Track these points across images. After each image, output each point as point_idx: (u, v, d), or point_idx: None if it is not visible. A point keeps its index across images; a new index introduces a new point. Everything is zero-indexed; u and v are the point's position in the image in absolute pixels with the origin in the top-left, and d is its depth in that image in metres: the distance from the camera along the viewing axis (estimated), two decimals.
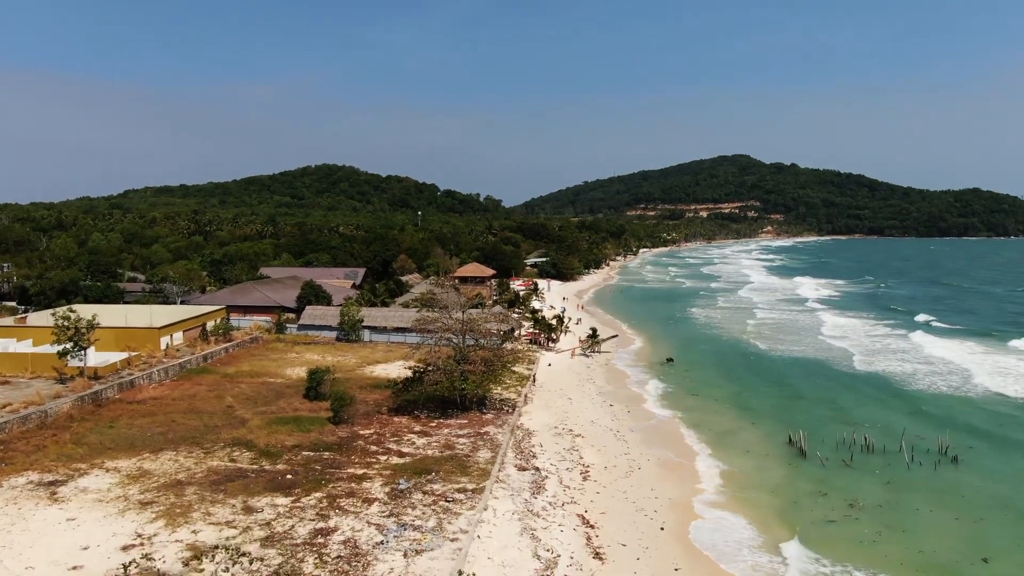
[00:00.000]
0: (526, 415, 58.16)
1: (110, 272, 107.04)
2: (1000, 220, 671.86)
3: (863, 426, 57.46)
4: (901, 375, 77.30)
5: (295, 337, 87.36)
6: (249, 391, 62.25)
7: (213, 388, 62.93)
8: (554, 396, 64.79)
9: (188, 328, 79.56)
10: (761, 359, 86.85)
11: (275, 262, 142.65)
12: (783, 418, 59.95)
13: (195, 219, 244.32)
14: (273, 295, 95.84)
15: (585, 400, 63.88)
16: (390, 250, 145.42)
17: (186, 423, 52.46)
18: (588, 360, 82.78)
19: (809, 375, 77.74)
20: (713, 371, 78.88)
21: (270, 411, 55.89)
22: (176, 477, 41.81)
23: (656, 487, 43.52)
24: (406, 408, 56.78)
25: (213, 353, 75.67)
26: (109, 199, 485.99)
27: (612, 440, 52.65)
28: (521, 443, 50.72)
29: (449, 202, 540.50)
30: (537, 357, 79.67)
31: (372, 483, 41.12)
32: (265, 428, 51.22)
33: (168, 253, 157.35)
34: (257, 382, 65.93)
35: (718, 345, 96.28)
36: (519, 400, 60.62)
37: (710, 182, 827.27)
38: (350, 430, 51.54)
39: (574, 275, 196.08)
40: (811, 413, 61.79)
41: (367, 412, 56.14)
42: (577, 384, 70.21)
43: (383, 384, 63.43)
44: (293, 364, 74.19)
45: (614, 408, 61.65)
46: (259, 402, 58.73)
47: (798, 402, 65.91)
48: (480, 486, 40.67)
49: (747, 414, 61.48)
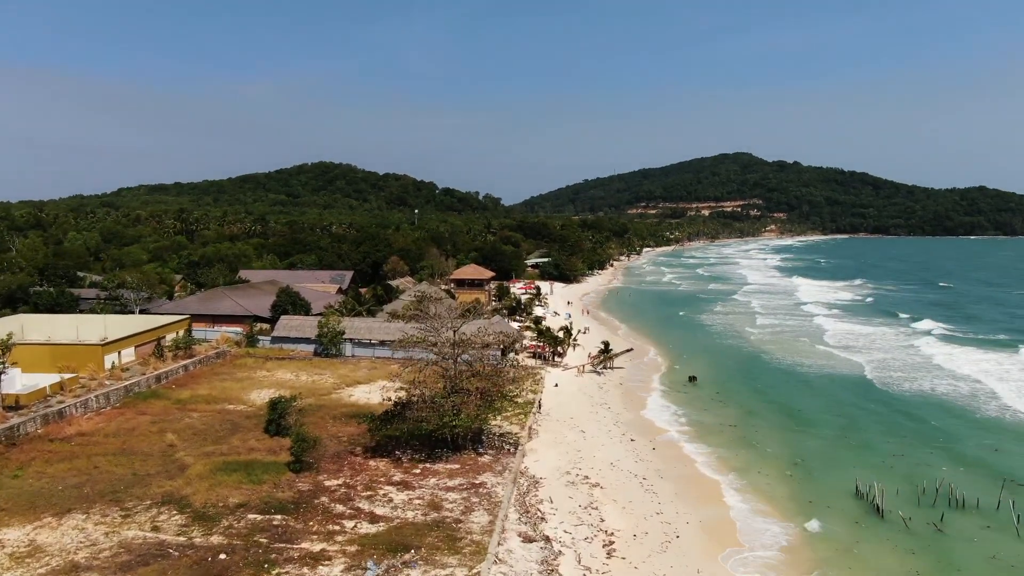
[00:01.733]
0: (531, 454, 48.16)
1: (68, 276, 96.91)
2: (1007, 219, 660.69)
3: (936, 466, 47.63)
4: (964, 397, 67.39)
5: (267, 351, 77.30)
6: (200, 423, 52.19)
7: (158, 419, 52.86)
8: (564, 427, 54.74)
9: (142, 343, 69.49)
10: (794, 377, 76.83)
11: (258, 264, 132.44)
12: (839, 457, 50.02)
13: (181, 217, 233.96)
14: (246, 303, 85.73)
15: (601, 433, 53.80)
16: (381, 251, 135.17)
17: (111, 470, 42.42)
18: (600, 378, 72.73)
19: (857, 398, 67.76)
20: (744, 393, 68.81)
21: (219, 452, 45.84)
22: (74, 557, 31.80)
23: (704, 568, 33.45)
24: (385, 447, 46.79)
25: (170, 372, 65.62)
26: (101, 197, 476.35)
27: (638, 492, 42.58)
28: (526, 497, 40.70)
29: (448, 200, 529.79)
30: (542, 376, 69.66)
31: (331, 567, 31.11)
32: (208, 478, 41.17)
33: (145, 254, 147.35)
34: (213, 410, 55.87)
35: (743, 359, 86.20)
36: (522, 434, 50.65)
37: (712, 180, 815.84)
38: (313, 480, 41.53)
39: (578, 276, 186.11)
40: (872, 450, 51.85)
41: (337, 453, 46.15)
42: (590, 410, 60.16)
43: (362, 415, 53.39)
44: (260, 385, 64.17)
45: (636, 444, 51.58)
46: (209, 438, 48.69)
47: (851, 435, 55.89)
48: (474, 572, 30.67)
49: (793, 451, 51.45)
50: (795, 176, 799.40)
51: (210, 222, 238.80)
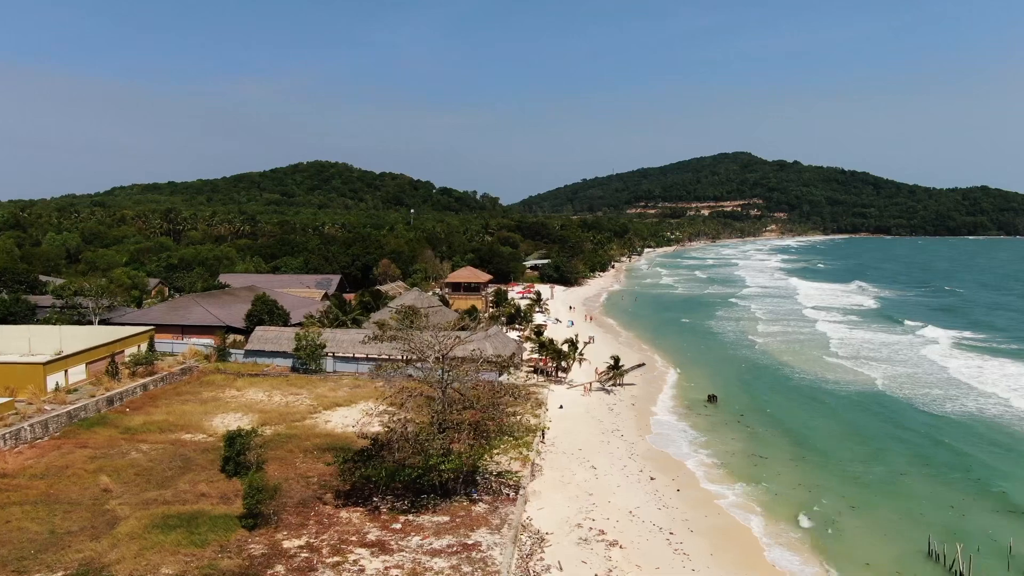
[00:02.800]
0: (534, 498, 40.72)
1: (29, 282, 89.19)
2: (1010, 219, 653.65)
3: (1014, 512, 40.36)
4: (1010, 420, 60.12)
5: (240, 367, 69.73)
6: (146, 459, 44.67)
7: (99, 454, 45.33)
8: (572, 462, 47.27)
9: (96, 359, 61.86)
10: (822, 393, 69.51)
11: (241, 267, 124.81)
12: (899, 502, 42.68)
13: (169, 217, 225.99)
14: (218, 311, 78.10)
15: (615, 469, 46.32)
16: (371, 253, 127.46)
17: (25, 527, 34.90)
18: (609, 397, 65.29)
19: (903, 420, 60.51)
20: (769, 416, 61.42)
21: (161, 500, 38.31)
22: None
23: None
24: (361, 492, 39.33)
25: (125, 393, 58.09)
26: (93, 196, 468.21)
27: (665, 552, 35.12)
28: (530, 562, 33.25)
29: (445, 200, 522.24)
30: (544, 397, 62.14)
31: None
32: (140, 538, 33.66)
33: (124, 256, 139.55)
34: (166, 441, 48.35)
35: (759, 374, 78.82)
36: (523, 472, 43.20)
37: (711, 180, 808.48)
38: (270, 539, 34.05)
39: (579, 279, 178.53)
40: (941, 494, 44.58)
41: (303, 500, 38.67)
42: (601, 439, 52.67)
43: (337, 447, 45.96)
44: (227, 408, 56.67)
45: (656, 484, 44.14)
46: (153, 480, 41.18)
47: (918, 470, 48.59)
48: None
49: (840, 491, 44.09)
50: (795, 176, 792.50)
51: (198, 222, 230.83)
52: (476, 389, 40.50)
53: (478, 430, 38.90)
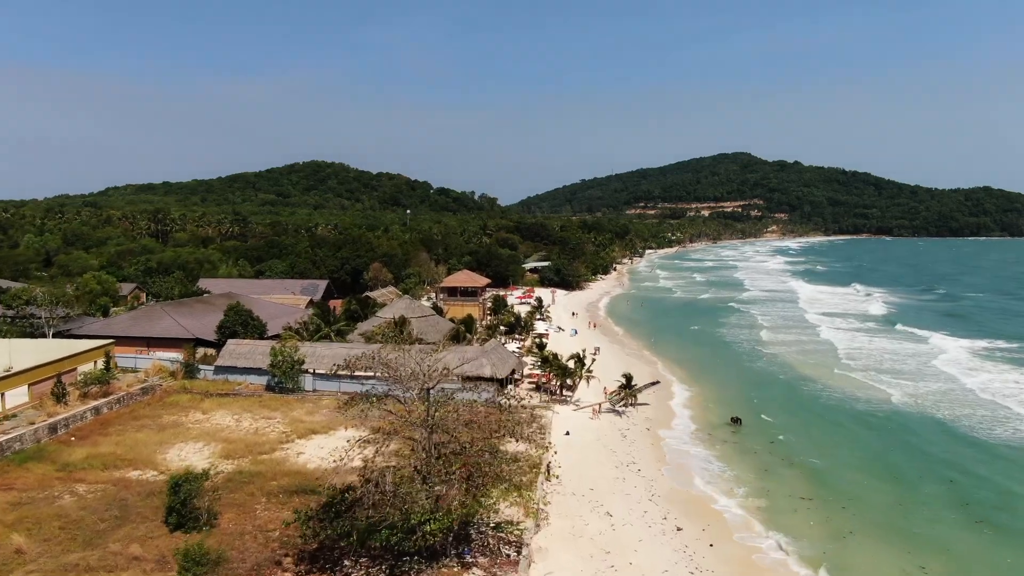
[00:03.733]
0: (540, 558, 33.74)
1: None
2: (1013, 220, 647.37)
3: None
4: None
5: (209, 385, 62.69)
6: (78, 506, 37.63)
7: (22, 500, 38.30)
8: (583, 506, 40.28)
9: (41, 379, 54.74)
10: (854, 417, 62.59)
11: (223, 270, 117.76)
12: (974, 549, 35.75)
13: (157, 218, 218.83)
14: (188, 322, 71.05)
15: (634, 517, 39.28)
16: (362, 256, 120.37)
17: None
18: (620, 420, 58.30)
19: (921, 447, 53.70)
20: (804, 441, 54.54)
21: (84, 566, 31.31)
22: None
23: None
24: (329, 554, 32.34)
25: (72, 419, 51.07)
26: (86, 197, 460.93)
27: None
28: None
29: (442, 200, 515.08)
30: (548, 421, 55.15)
31: None
32: None
33: (101, 259, 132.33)
34: (107, 481, 41.33)
35: (787, 388, 71.99)
36: (526, 523, 36.20)
37: (711, 180, 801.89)
38: None
39: (580, 283, 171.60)
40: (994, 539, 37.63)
41: (257, 565, 31.68)
42: (615, 474, 45.68)
43: (308, 489, 38.98)
44: (187, 436, 49.66)
45: (685, 537, 37.10)
46: (79, 538, 34.15)
47: (993, 515, 41.66)
48: None
49: (907, 543, 37.16)
50: (796, 176, 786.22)
51: (187, 223, 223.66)
52: (469, 428, 33.44)
53: (471, 480, 31.93)
